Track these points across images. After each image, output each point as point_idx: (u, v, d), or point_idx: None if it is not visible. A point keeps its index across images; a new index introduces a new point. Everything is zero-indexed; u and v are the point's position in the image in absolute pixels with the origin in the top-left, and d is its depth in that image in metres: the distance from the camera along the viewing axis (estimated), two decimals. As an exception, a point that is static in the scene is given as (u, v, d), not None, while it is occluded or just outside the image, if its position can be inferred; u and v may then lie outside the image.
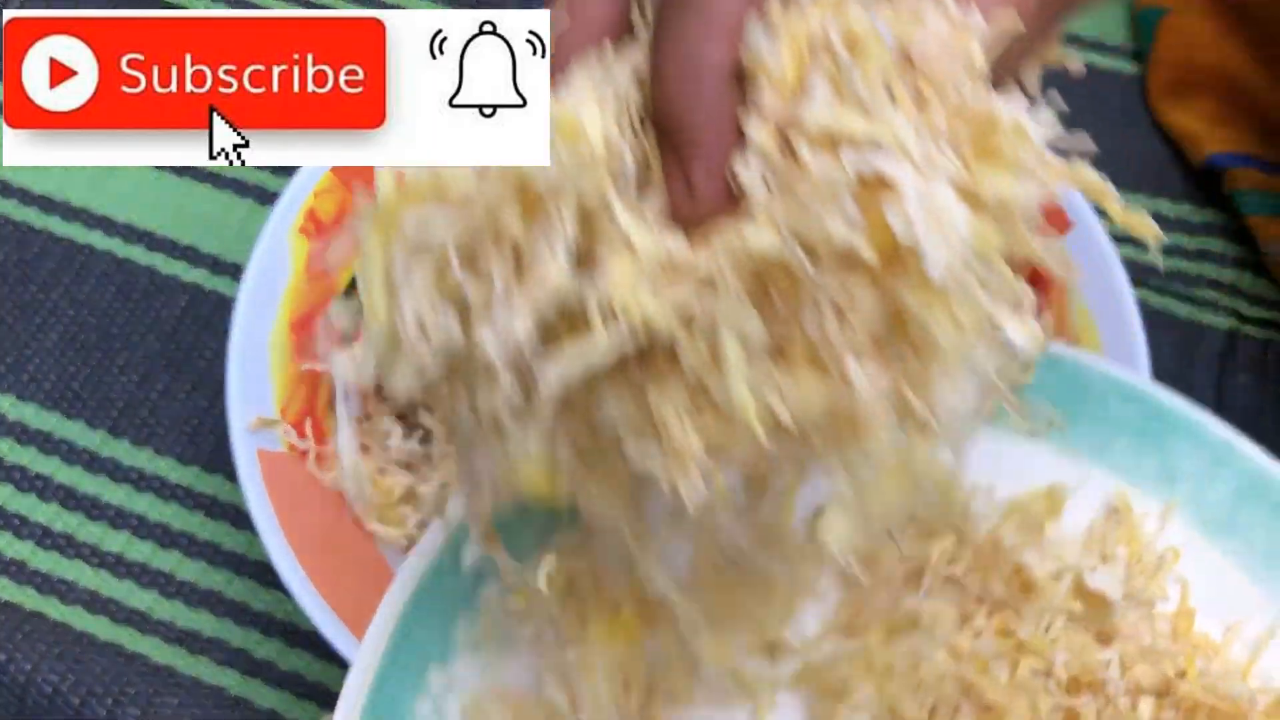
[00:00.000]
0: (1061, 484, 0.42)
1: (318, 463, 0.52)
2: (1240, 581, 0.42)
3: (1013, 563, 0.42)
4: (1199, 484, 0.42)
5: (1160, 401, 0.43)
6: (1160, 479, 0.43)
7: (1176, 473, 0.43)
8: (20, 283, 0.62)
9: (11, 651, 0.53)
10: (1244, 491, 0.42)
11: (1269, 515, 0.42)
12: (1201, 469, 0.43)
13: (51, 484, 0.58)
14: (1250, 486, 0.42)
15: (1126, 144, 0.66)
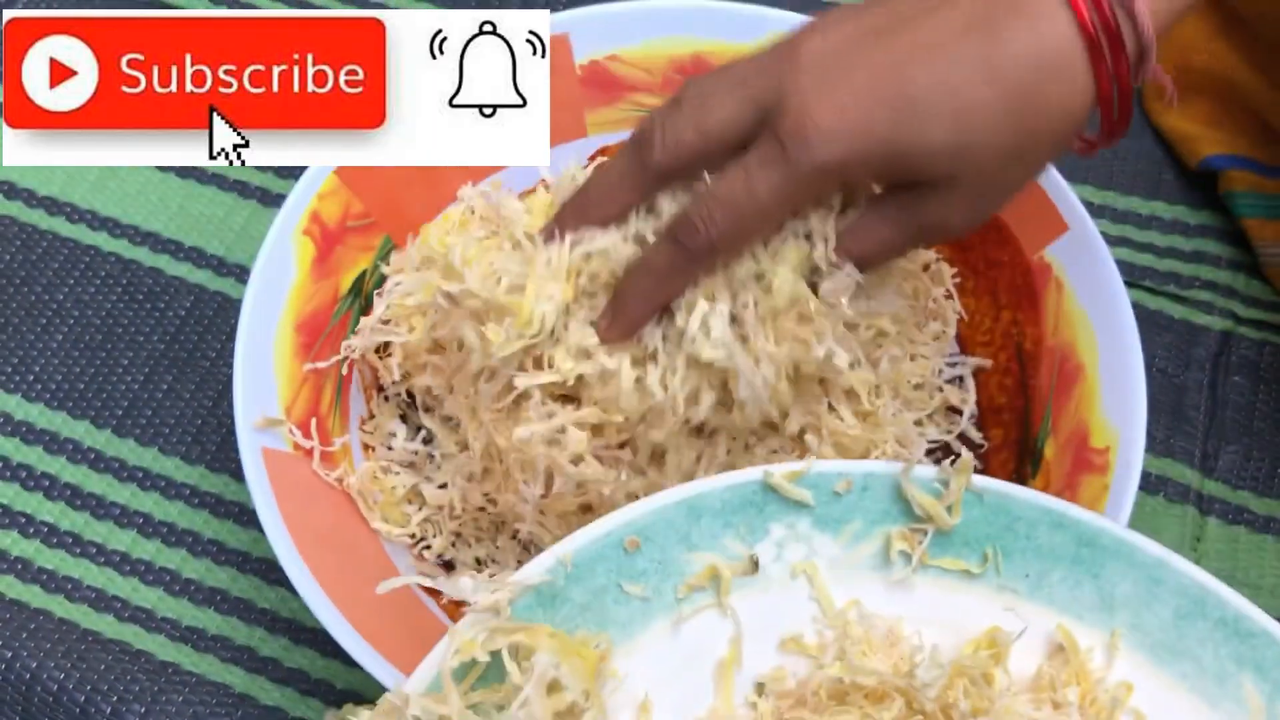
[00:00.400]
0: (999, 629, 0.41)
1: (322, 461, 0.52)
2: (1197, 706, 0.41)
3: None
4: (1139, 609, 0.42)
5: (1089, 526, 0.42)
6: (1100, 608, 0.42)
7: (1115, 599, 0.42)
8: (26, 284, 0.63)
9: (17, 649, 0.53)
10: (1184, 610, 0.41)
11: (1213, 632, 0.41)
12: (1139, 592, 0.42)
13: (57, 483, 0.58)
14: (1190, 605, 0.41)
15: (1123, 146, 0.67)
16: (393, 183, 0.57)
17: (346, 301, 0.55)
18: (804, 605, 0.42)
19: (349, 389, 0.55)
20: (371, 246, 0.57)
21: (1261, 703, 0.40)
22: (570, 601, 0.40)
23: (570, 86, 0.59)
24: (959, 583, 0.42)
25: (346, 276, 0.56)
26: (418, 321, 0.53)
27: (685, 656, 0.41)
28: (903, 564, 0.43)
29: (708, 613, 0.42)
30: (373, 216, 0.56)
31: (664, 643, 0.41)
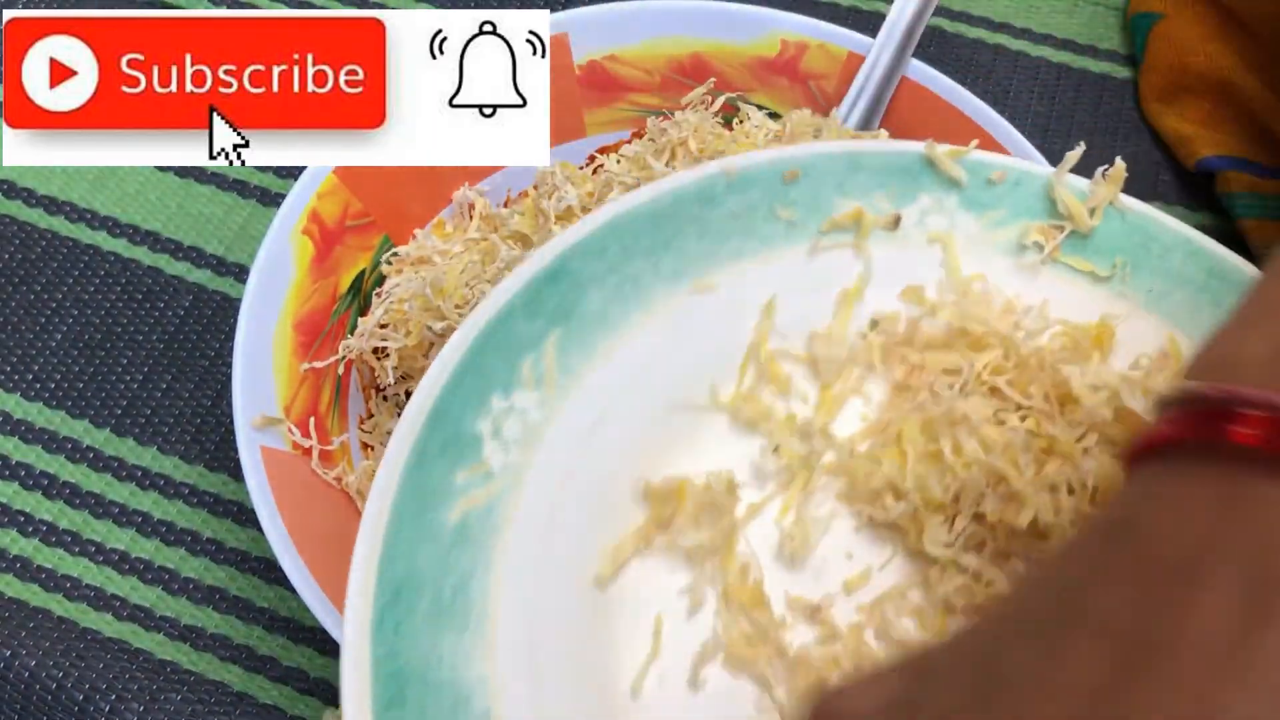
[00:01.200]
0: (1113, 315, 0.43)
1: (321, 460, 0.52)
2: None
3: (1054, 375, 0.42)
4: None
5: (1225, 260, 0.45)
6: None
7: None
8: (25, 283, 0.63)
9: (15, 648, 0.53)
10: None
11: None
12: None
13: (56, 482, 0.58)
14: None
15: (1120, 148, 0.67)
16: (392, 182, 0.57)
17: (345, 301, 0.56)
18: (933, 268, 0.45)
19: (348, 388, 0.55)
20: (370, 246, 0.57)
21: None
22: (724, 207, 0.43)
23: (569, 86, 0.59)
24: (1083, 282, 0.45)
25: (346, 276, 0.56)
26: (415, 325, 0.53)
27: (814, 280, 0.44)
28: (1034, 253, 0.46)
29: (843, 250, 0.45)
30: (372, 216, 0.57)
31: (798, 264, 0.44)
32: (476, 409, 0.40)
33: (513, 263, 0.51)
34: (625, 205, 0.43)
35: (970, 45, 0.70)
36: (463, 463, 0.39)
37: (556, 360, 0.41)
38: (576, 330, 0.42)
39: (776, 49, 0.59)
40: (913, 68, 0.58)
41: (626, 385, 0.42)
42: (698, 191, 0.43)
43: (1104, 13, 0.72)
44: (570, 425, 0.41)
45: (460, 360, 0.40)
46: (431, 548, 0.39)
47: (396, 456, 0.39)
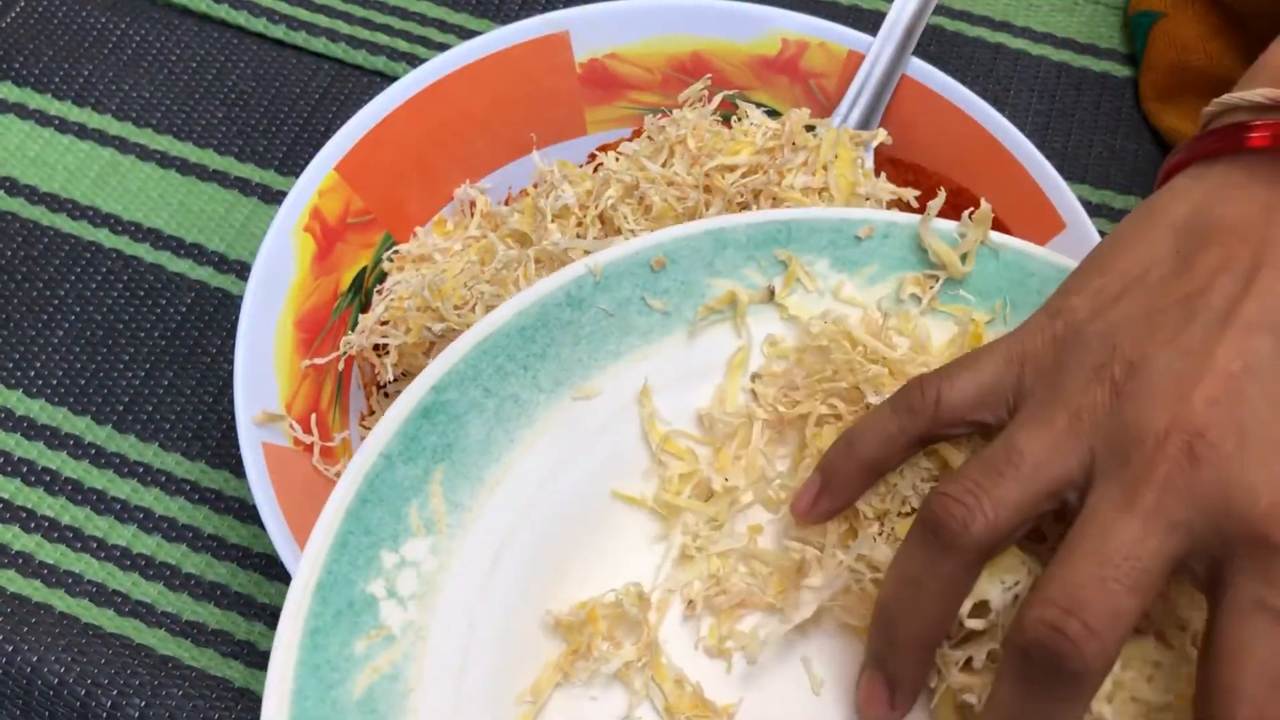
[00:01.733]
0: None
1: (322, 457, 0.52)
2: None
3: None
4: None
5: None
6: None
7: None
8: (27, 280, 0.63)
9: (18, 644, 0.54)
10: None
11: None
12: None
13: (59, 478, 0.58)
14: None
15: (1120, 146, 0.67)
16: (393, 179, 0.57)
17: (347, 298, 0.56)
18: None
19: (349, 385, 0.55)
20: (372, 243, 0.57)
21: None
22: (596, 307, 0.43)
23: (570, 84, 0.59)
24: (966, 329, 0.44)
25: (347, 273, 0.56)
26: (415, 322, 0.53)
27: (697, 365, 0.44)
28: (913, 305, 0.44)
29: (722, 327, 0.44)
30: (373, 213, 0.57)
31: (679, 352, 0.44)
32: (366, 570, 0.38)
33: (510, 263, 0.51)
34: (492, 324, 0.41)
35: (970, 44, 0.70)
36: (360, 631, 0.37)
37: (444, 499, 0.39)
38: (461, 464, 0.40)
39: (777, 47, 0.59)
40: (913, 66, 0.58)
41: (520, 512, 0.41)
42: (565, 296, 0.42)
43: (1104, 11, 0.72)
44: (467, 568, 0.39)
45: (342, 521, 0.38)
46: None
47: (290, 637, 0.37)
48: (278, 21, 0.70)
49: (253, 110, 0.68)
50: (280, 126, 0.68)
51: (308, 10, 0.71)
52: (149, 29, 0.71)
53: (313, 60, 0.70)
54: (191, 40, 0.70)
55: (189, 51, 0.70)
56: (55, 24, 0.71)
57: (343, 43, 0.70)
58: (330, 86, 0.69)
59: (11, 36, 0.70)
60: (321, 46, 0.70)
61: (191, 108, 0.68)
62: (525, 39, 0.59)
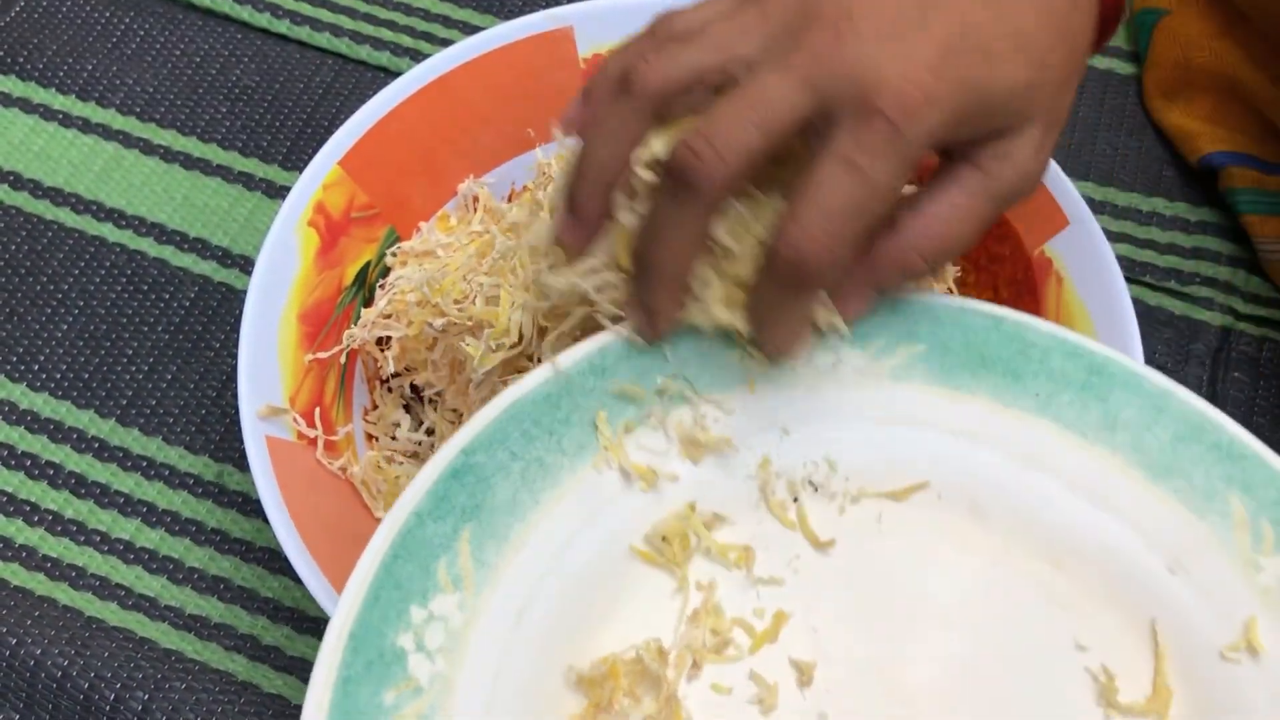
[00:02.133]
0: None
1: (326, 451, 0.52)
2: (1186, 516, 0.43)
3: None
4: (1139, 431, 0.44)
5: (1101, 356, 0.45)
6: (1103, 427, 0.44)
7: (1118, 421, 0.44)
8: (32, 274, 0.63)
9: (21, 636, 0.54)
10: (1183, 434, 0.44)
11: (1206, 454, 0.44)
12: (1142, 417, 0.44)
13: (62, 472, 0.58)
14: (1189, 430, 0.44)
15: (1124, 144, 0.67)
16: (396, 174, 0.57)
17: (350, 292, 0.56)
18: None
19: (353, 379, 0.56)
20: (375, 238, 0.57)
21: (1246, 516, 0.43)
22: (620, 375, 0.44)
23: (574, 79, 0.59)
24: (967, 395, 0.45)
25: (351, 267, 0.56)
26: (416, 316, 0.54)
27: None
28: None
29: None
30: (377, 208, 0.57)
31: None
32: (396, 623, 0.39)
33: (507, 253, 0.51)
34: (519, 392, 0.43)
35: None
36: (390, 682, 0.39)
37: (472, 557, 0.41)
38: (489, 522, 0.42)
39: (781, 43, 0.59)
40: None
41: (544, 570, 0.42)
42: (590, 365, 0.43)
43: (1108, 9, 0.72)
44: (493, 623, 0.41)
45: (375, 576, 0.39)
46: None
47: (323, 682, 0.38)
48: (281, 17, 0.70)
49: (256, 105, 0.68)
50: (284, 122, 0.68)
51: (311, 6, 0.71)
52: (153, 24, 0.71)
53: (316, 56, 0.70)
54: (195, 35, 0.71)
55: (193, 46, 0.70)
56: (60, 19, 0.71)
57: (346, 38, 0.70)
58: (334, 82, 0.69)
59: (16, 31, 0.70)
60: (325, 42, 0.70)
61: (195, 103, 0.68)
62: (529, 34, 0.59)
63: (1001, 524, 0.44)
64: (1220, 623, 0.42)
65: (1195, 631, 0.42)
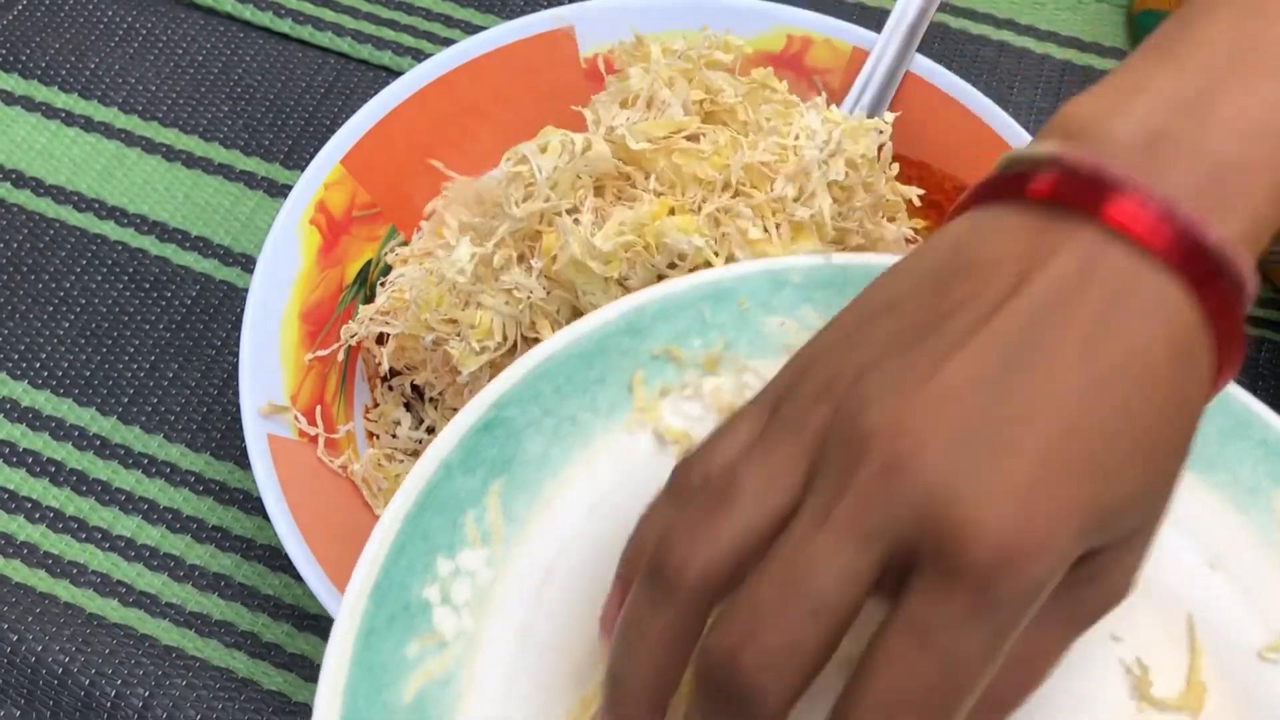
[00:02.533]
0: None
1: (327, 448, 0.52)
2: (1228, 511, 0.43)
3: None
4: None
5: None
6: None
7: None
8: (33, 272, 0.63)
9: (22, 633, 0.54)
10: (1228, 430, 0.43)
11: (1253, 450, 0.43)
12: None
13: (64, 469, 0.59)
14: (1234, 425, 0.43)
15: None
16: (398, 174, 0.57)
17: (351, 290, 0.56)
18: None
19: (354, 377, 0.56)
20: (377, 236, 0.57)
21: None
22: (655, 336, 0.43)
23: (575, 78, 0.59)
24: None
25: (352, 266, 0.56)
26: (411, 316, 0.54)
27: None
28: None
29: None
30: (378, 207, 0.57)
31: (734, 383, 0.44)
32: (423, 576, 0.38)
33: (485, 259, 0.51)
34: (550, 349, 0.41)
35: (974, 42, 0.71)
36: (414, 634, 0.38)
37: (501, 510, 0.40)
38: (519, 477, 0.40)
39: (782, 43, 0.59)
40: (917, 63, 0.58)
41: (574, 529, 0.41)
42: (626, 325, 0.42)
43: (1108, 11, 0.72)
44: (521, 581, 0.40)
45: (401, 527, 0.38)
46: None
47: (345, 635, 0.37)
48: (284, 15, 0.71)
49: (258, 104, 0.68)
50: (286, 120, 0.68)
51: (313, 5, 0.71)
52: (155, 22, 0.71)
53: (318, 54, 0.70)
54: (198, 33, 0.71)
55: (195, 44, 0.70)
56: (62, 16, 0.71)
57: (348, 37, 0.70)
58: (336, 81, 0.69)
59: (18, 29, 0.71)
60: (327, 41, 0.70)
61: (198, 101, 0.69)
62: (530, 34, 0.59)
63: None
64: (1259, 622, 0.41)
65: (1233, 630, 0.41)
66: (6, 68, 0.69)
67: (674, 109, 0.50)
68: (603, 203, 0.49)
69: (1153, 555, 0.41)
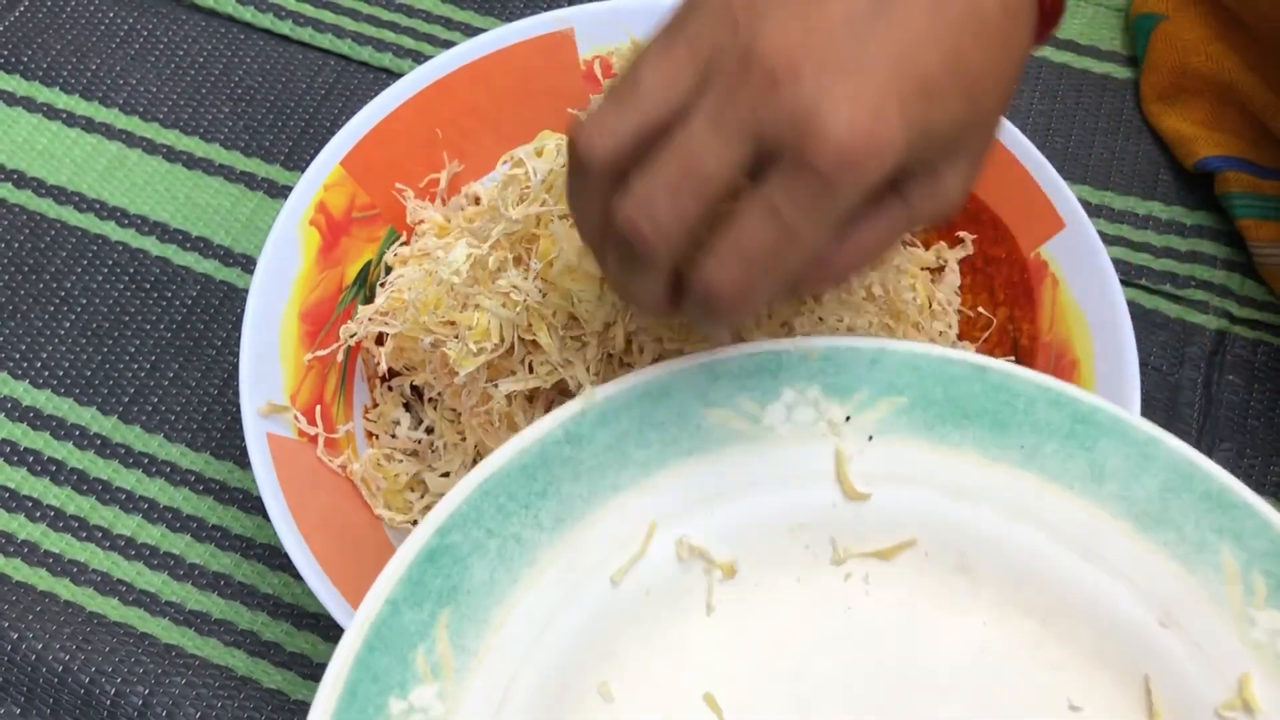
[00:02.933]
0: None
1: (326, 448, 0.53)
2: (1176, 570, 0.42)
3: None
4: (1127, 480, 0.43)
5: (1085, 404, 0.44)
6: (1090, 479, 0.43)
7: (1105, 471, 0.43)
8: (34, 272, 0.64)
9: (23, 631, 0.54)
10: (1171, 484, 0.43)
11: (1197, 504, 0.43)
12: (1129, 466, 0.43)
13: (64, 468, 0.59)
14: (1178, 479, 0.43)
15: (1120, 147, 0.67)
16: (397, 175, 0.58)
17: (351, 291, 0.56)
18: (817, 460, 0.45)
19: (353, 377, 0.56)
20: (376, 237, 0.57)
21: (1237, 568, 0.42)
22: (595, 442, 0.43)
23: (574, 81, 0.59)
24: (951, 448, 0.44)
25: (352, 267, 0.56)
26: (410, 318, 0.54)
27: (699, 493, 0.44)
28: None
29: (716, 459, 0.45)
30: (378, 208, 0.57)
31: (680, 483, 0.44)
32: (375, 718, 0.38)
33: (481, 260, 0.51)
34: (494, 465, 0.42)
35: (972, 45, 0.71)
36: None
37: (450, 643, 0.40)
38: (466, 606, 0.40)
39: (780, 46, 0.59)
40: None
41: (525, 651, 0.41)
42: (564, 434, 0.42)
43: (1106, 14, 0.72)
44: (474, 713, 0.39)
45: (350, 669, 0.38)
46: None
47: None
48: (284, 17, 0.71)
49: (259, 105, 0.69)
50: (286, 121, 0.68)
51: (314, 6, 0.71)
52: (156, 23, 0.71)
53: (318, 56, 0.70)
54: (198, 35, 0.71)
55: (196, 46, 0.71)
56: (63, 18, 0.71)
57: (348, 39, 0.70)
58: (336, 82, 0.69)
59: (20, 30, 0.71)
60: (327, 42, 0.70)
61: (198, 102, 0.69)
62: (530, 36, 0.59)
63: (991, 580, 0.43)
64: (1214, 679, 0.41)
65: (1189, 688, 0.41)
66: (8, 69, 0.69)
67: None
68: None
69: (1104, 618, 0.42)
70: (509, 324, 0.49)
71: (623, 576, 0.43)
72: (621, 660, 0.42)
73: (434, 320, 0.51)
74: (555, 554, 0.42)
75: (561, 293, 0.49)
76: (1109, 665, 0.42)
